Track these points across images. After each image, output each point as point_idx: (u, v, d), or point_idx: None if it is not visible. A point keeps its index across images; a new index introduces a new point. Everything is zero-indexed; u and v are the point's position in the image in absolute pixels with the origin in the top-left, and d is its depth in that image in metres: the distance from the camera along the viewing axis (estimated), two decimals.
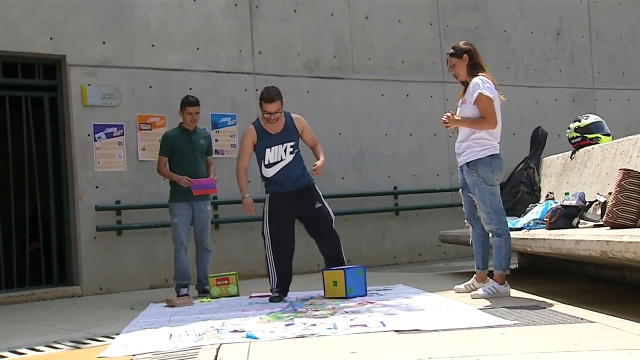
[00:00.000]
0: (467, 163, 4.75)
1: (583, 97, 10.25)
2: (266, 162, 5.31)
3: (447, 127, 4.85)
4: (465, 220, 5.08)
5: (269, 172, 5.31)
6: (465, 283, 5.11)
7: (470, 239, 5.09)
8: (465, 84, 4.88)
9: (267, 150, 5.29)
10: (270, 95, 5.22)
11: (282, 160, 5.30)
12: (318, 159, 5.47)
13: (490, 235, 4.80)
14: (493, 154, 4.72)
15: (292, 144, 5.34)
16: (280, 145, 5.30)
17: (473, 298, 4.70)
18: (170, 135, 6.28)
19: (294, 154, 5.36)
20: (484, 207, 4.71)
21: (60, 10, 7.21)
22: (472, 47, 4.86)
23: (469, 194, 4.85)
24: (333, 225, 5.44)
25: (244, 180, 5.35)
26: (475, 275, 5.08)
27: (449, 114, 4.83)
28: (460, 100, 4.91)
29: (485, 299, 4.62)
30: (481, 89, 4.66)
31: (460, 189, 5.03)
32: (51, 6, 7.17)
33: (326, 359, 3.12)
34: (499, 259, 4.73)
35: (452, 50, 4.88)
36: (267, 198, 5.34)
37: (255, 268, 7.78)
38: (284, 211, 5.29)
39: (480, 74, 4.78)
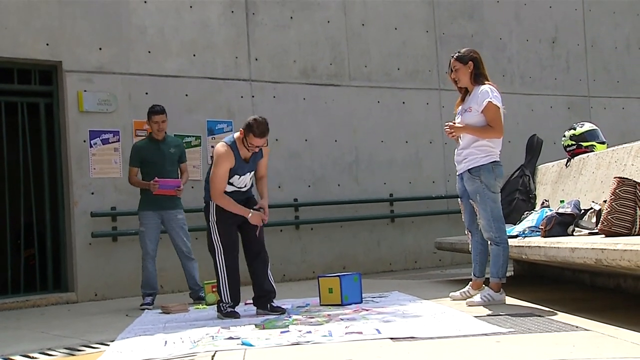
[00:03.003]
0: (469, 170, 4.73)
1: (578, 105, 10.29)
2: (230, 181, 4.95)
3: (452, 135, 4.83)
4: (466, 230, 5.06)
5: (227, 189, 4.96)
6: (461, 290, 5.10)
7: (470, 247, 5.08)
8: (464, 91, 4.88)
9: (236, 176, 4.96)
10: (261, 130, 4.79)
11: (245, 187, 5.06)
12: (262, 196, 5.14)
13: (489, 243, 4.80)
14: (495, 161, 4.74)
15: (254, 172, 5.11)
16: (249, 174, 5.03)
17: (469, 305, 4.70)
18: (139, 146, 6.28)
19: (253, 182, 5.15)
20: (485, 214, 4.70)
21: (56, 16, 7.21)
22: (479, 56, 4.82)
23: (470, 200, 4.84)
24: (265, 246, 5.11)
25: (235, 203, 4.91)
26: (471, 282, 5.09)
27: (451, 123, 4.82)
28: (460, 107, 4.89)
29: (480, 306, 4.63)
30: (490, 98, 4.67)
31: (460, 198, 5.01)
32: (48, 12, 7.18)
33: None
34: (496, 268, 4.73)
35: (458, 54, 4.82)
36: (214, 206, 4.94)
37: (247, 275, 7.76)
38: (230, 219, 4.94)
39: (486, 82, 4.77)
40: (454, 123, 4.82)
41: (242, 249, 5.10)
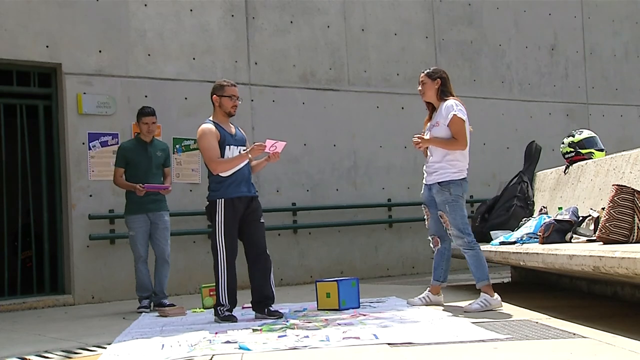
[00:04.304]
0: (439, 182, 4.93)
1: (577, 112, 10.31)
2: (224, 157, 4.98)
3: (419, 147, 5.04)
4: (431, 236, 5.22)
5: (227, 171, 4.96)
6: (420, 296, 5.25)
7: (434, 253, 5.23)
8: (431, 107, 5.11)
9: (227, 147, 4.99)
10: (229, 81, 5.12)
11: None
12: (258, 164, 5.22)
13: (465, 250, 4.91)
14: (464, 178, 4.96)
15: (244, 148, 5.10)
16: (236, 147, 5.05)
17: (466, 312, 4.71)
18: (125, 147, 6.26)
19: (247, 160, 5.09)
20: (455, 223, 4.88)
21: (56, 19, 7.22)
22: (447, 76, 5.10)
23: (438, 211, 5.01)
24: (267, 250, 5.08)
25: (230, 158, 4.94)
26: (430, 288, 5.24)
27: (420, 135, 5.04)
28: (429, 124, 5.10)
29: (478, 312, 4.63)
30: (455, 111, 4.90)
31: (426, 206, 5.18)
32: (47, 15, 7.18)
33: None
34: (480, 271, 4.85)
35: (428, 71, 5.10)
36: (222, 204, 4.90)
37: (247, 279, 7.76)
38: (235, 221, 4.93)
39: (450, 97, 5.00)
40: (423, 135, 5.05)
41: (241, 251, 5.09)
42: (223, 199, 4.92)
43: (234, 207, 4.93)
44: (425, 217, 5.23)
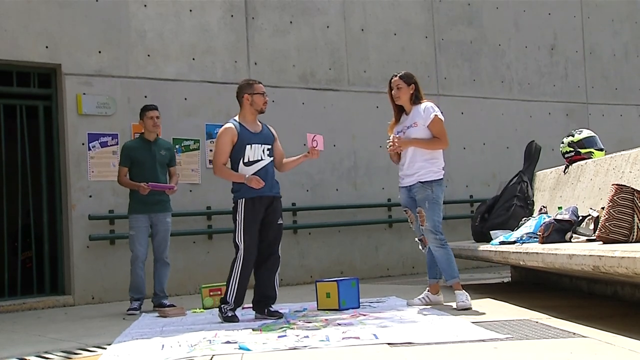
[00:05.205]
0: (422, 181, 5.00)
1: (576, 112, 10.31)
2: (245, 160, 4.97)
3: (397, 149, 5.09)
4: (419, 238, 5.29)
5: (248, 171, 4.96)
6: (419, 297, 5.27)
7: (425, 252, 5.32)
8: (397, 112, 5.21)
9: (248, 146, 4.98)
10: (254, 79, 5.25)
11: (261, 159, 5.01)
12: (294, 161, 5.31)
13: (436, 248, 5.01)
14: (442, 177, 5.07)
15: (269, 147, 5.11)
16: (260, 145, 5.05)
17: (460, 309, 4.78)
18: (129, 146, 6.26)
19: (271, 159, 5.12)
20: (432, 220, 4.98)
21: (56, 19, 7.22)
22: (417, 80, 5.20)
23: (417, 208, 5.06)
24: (279, 251, 5.13)
25: (232, 171, 4.98)
26: (428, 287, 5.28)
27: (396, 136, 5.10)
28: (399, 126, 5.17)
29: (469, 310, 4.74)
30: (435, 112, 5.03)
31: (405, 209, 5.24)
32: (47, 15, 7.18)
33: None
34: (451, 268, 4.99)
35: (401, 74, 5.18)
36: (242, 204, 4.94)
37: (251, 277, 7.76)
38: (256, 221, 4.96)
39: (423, 100, 5.12)
40: (400, 138, 5.10)
41: None
42: (244, 199, 4.95)
43: (254, 207, 4.94)
44: (409, 219, 5.29)
